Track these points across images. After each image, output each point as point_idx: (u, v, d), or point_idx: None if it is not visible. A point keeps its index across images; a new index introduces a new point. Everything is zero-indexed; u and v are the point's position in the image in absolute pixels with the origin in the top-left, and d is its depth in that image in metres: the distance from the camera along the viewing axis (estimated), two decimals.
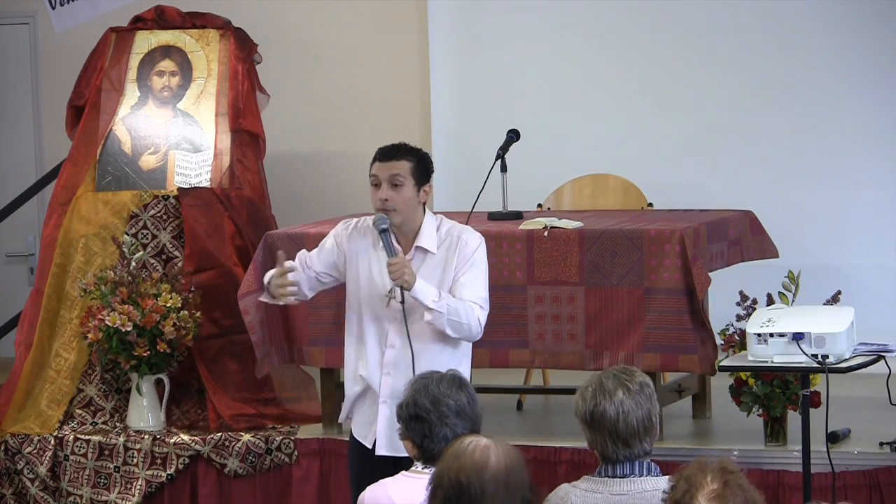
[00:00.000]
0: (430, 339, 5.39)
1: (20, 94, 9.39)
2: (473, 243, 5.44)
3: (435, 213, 5.56)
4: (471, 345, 5.57)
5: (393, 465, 5.40)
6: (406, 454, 5.25)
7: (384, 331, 5.43)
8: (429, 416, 4.34)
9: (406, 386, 4.50)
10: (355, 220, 5.63)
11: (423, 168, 5.45)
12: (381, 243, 5.39)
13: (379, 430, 5.45)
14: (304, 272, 5.59)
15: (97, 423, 7.29)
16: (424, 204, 5.49)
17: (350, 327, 5.56)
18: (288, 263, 5.52)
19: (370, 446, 5.49)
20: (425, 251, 5.43)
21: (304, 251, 5.71)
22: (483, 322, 5.40)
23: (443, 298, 5.31)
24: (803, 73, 8.11)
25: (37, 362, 7.46)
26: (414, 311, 5.35)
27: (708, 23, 8.24)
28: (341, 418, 5.77)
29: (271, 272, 5.57)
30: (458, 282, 5.38)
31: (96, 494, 7.05)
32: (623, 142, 8.34)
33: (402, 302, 5.33)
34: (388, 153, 5.46)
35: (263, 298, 5.66)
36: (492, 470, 3.48)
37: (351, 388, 5.57)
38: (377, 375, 5.46)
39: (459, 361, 5.45)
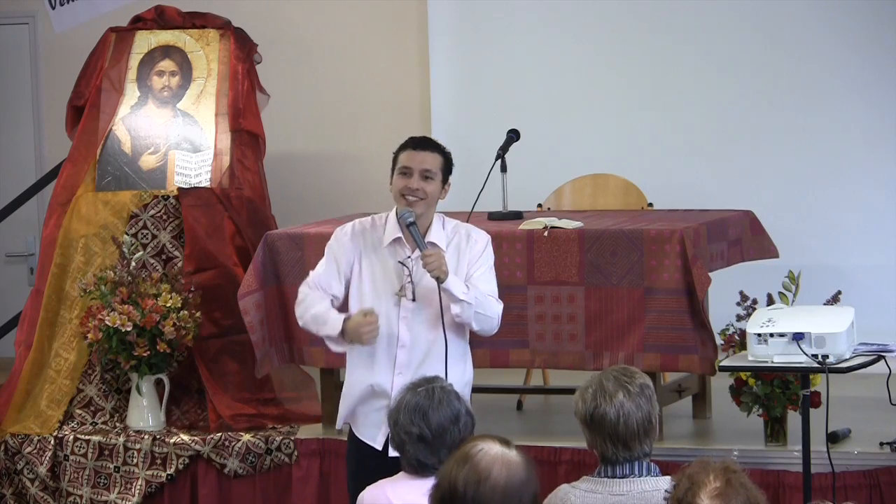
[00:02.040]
0: (441, 335, 5.34)
1: (20, 94, 9.39)
2: (483, 241, 5.48)
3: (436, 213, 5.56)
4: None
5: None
6: None
7: (394, 332, 5.39)
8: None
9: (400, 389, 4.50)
10: (349, 226, 5.56)
11: (449, 166, 5.47)
12: (402, 240, 5.38)
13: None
14: (325, 293, 5.47)
15: (97, 423, 7.29)
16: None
17: None
18: (367, 308, 5.35)
19: (380, 448, 5.42)
20: (435, 247, 5.40)
21: (312, 278, 5.54)
22: (500, 316, 5.42)
23: (471, 290, 5.31)
24: (803, 73, 8.11)
25: (37, 362, 7.46)
26: (423, 308, 5.34)
27: (708, 23, 8.24)
28: (339, 425, 5.68)
29: (341, 317, 5.36)
30: (471, 277, 5.39)
31: (96, 494, 7.04)
32: (623, 142, 8.34)
33: (413, 300, 5.33)
34: (423, 144, 5.43)
35: (335, 349, 5.45)
36: (490, 483, 3.44)
37: (353, 394, 5.50)
38: (389, 377, 5.41)
39: (466, 353, 5.47)
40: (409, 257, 5.39)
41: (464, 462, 3.48)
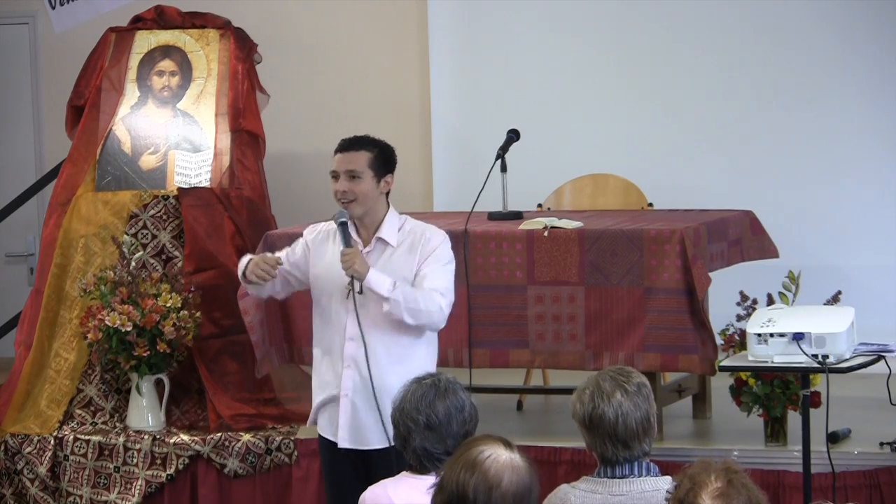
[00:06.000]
0: (388, 329, 5.39)
1: (20, 94, 9.39)
2: (437, 239, 5.47)
3: (401, 214, 5.57)
4: (435, 335, 5.55)
5: (359, 459, 5.43)
6: (370, 447, 5.29)
7: (343, 324, 5.44)
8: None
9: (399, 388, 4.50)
10: (322, 224, 5.65)
11: (382, 159, 5.47)
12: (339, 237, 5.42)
13: (341, 424, 5.45)
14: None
15: (97, 423, 7.29)
16: (387, 197, 5.51)
17: (315, 329, 5.59)
18: (276, 255, 5.61)
19: (334, 440, 5.50)
20: (385, 243, 5.45)
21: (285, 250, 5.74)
22: (446, 310, 5.39)
23: (397, 287, 5.32)
24: (803, 73, 8.11)
25: (37, 362, 7.46)
26: (368, 302, 5.36)
27: (708, 23, 8.24)
28: (309, 423, 5.71)
29: (251, 256, 5.61)
30: (419, 274, 5.41)
31: (96, 494, 7.04)
32: (623, 142, 8.34)
33: (361, 292, 5.35)
34: (346, 145, 5.50)
35: (244, 284, 5.70)
36: (502, 490, 3.45)
37: (315, 386, 5.59)
38: (339, 369, 5.46)
39: (421, 351, 5.45)
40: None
41: (471, 468, 3.47)
